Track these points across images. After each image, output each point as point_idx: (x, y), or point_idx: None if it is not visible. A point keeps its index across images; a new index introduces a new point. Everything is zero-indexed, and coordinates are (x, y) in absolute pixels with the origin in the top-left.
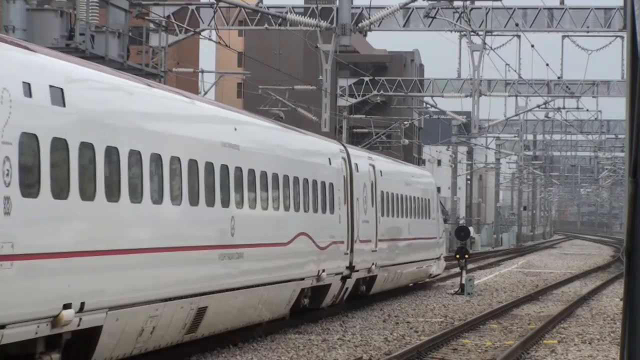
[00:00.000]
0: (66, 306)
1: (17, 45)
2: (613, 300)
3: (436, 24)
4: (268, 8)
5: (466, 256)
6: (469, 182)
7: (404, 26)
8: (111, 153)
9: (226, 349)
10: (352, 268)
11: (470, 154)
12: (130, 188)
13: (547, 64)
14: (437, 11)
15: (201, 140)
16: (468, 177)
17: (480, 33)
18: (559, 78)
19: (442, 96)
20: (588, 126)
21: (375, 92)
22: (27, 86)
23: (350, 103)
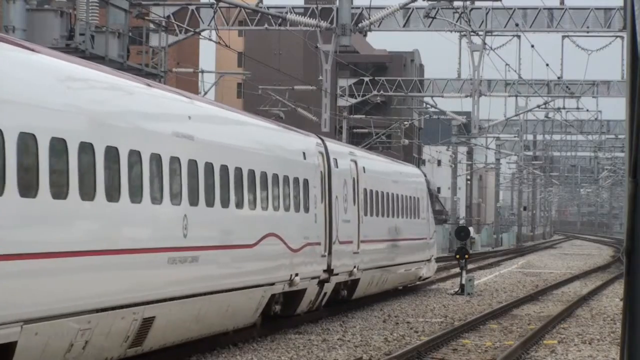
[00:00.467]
0: None
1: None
2: (613, 300)
3: (436, 24)
4: (268, 8)
5: (466, 256)
6: (469, 183)
7: (404, 26)
8: (27, 139)
9: (226, 349)
10: (331, 271)
11: (470, 154)
12: (51, 182)
13: (547, 64)
14: (437, 11)
15: (145, 129)
16: (468, 178)
17: (480, 33)
18: (559, 78)
19: (442, 96)
20: (588, 126)
21: (375, 92)
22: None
23: (350, 103)
